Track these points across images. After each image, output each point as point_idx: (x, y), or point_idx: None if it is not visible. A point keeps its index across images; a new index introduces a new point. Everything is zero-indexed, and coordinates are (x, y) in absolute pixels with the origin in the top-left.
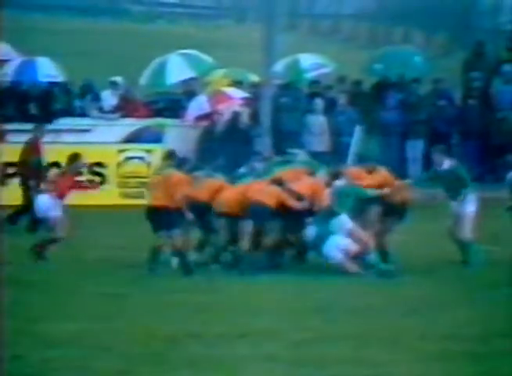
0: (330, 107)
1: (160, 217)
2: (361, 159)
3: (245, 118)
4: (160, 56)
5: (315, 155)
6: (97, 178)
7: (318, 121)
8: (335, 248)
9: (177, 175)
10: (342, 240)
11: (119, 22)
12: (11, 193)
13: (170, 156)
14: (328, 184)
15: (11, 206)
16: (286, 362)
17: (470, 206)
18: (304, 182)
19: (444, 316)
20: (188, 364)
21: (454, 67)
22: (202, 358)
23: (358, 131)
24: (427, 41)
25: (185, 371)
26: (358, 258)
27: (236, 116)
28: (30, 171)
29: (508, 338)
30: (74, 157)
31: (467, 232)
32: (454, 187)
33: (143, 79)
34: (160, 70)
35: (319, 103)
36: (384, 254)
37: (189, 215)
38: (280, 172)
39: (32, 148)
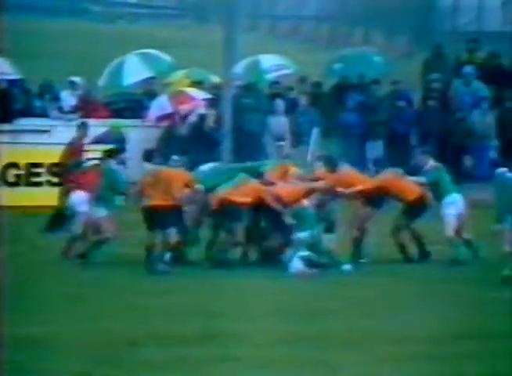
0: (292, 108)
1: (157, 216)
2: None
3: (210, 120)
4: (120, 56)
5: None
6: (56, 180)
7: (279, 122)
8: (296, 259)
9: (169, 171)
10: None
11: (79, 22)
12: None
13: (111, 152)
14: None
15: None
16: (247, 364)
17: (452, 207)
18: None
19: (402, 318)
20: (147, 366)
21: (414, 69)
22: (161, 360)
23: (315, 132)
24: (388, 42)
25: (144, 374)
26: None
27: (202, 118)
28: (70, 172)
29: (465, 340)
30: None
31: (450, 232)
32: (437, 189)
33: (101, 80)
34: (118, 71)
35: (280, 104)
36: (358, 247)
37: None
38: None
39: (73, 150)
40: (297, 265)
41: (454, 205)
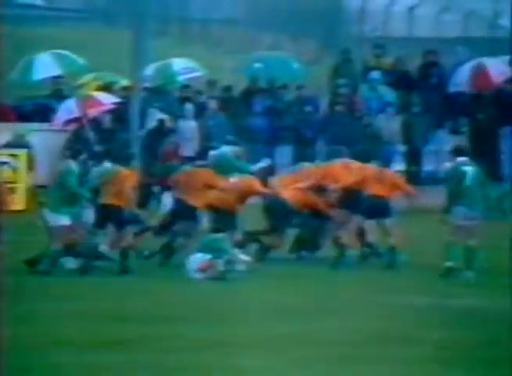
0: (201, 112)
1: (111, 215)
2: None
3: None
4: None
5: (185, 160)
6: None
7: (188, 126)
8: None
9: (124, 171)
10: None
11: None
12: None
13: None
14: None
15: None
16: (156, 369)
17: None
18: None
19: (319, 322)
20: (55, 373)
21: (322, 74)
22: (70, 366)
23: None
24: (296, 47)
25: None
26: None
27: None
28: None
29: (380, 344)
30: None
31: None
32: None
33: (12, 74)
34: (28, 66)
35: (189, 108)
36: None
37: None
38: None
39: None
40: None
41: None
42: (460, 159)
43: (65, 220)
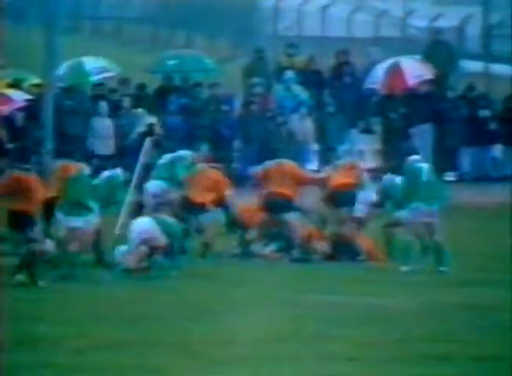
0: (116, 110)
1: (19, 221)
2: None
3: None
4: None
5: (101, 158)
6: None
7: (103, 125)
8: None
9: (30, 177)
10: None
11: None
12: None
13: None
14: None
15: None
16: (68, 370)
17: None
18: None
19: (228, 321)
20: None
21: (236, 73)
22: None
23: (147, 142)
24: (209, 46)
25: None
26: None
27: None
28: None
29: (287, 342)
30: None
31: None
32: None
33: None
34: None
35: (103, 106)
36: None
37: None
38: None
39: None
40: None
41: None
42: (414, 157)
43: None
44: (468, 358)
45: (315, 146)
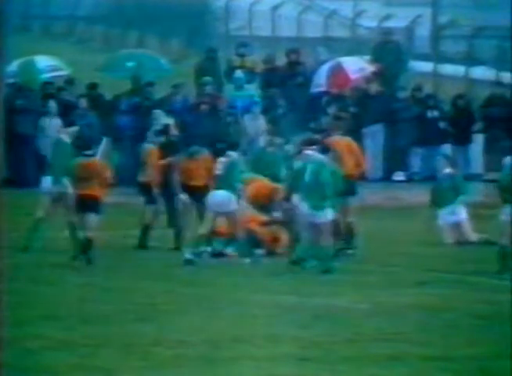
0: (67, 110)
1: None
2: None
3: None
4: None
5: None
6: None
7: (52, 124)
8: None
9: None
10: None
11: None
12: None
13: None
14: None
15: None
16: (16, 370)
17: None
18: None
19: (178, 322)
20: None
21: (188, 73)
22: None
23: (105, 142)
24: (161, 45)
25: None
26: None
27: None
28: None
29: (239, 343)
30: None
31: None
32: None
33: None
34: None
35: (52, 105)
36: None
37: None
38: None
39: None
40: None
41: None
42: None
43: None
44: (419, 358)
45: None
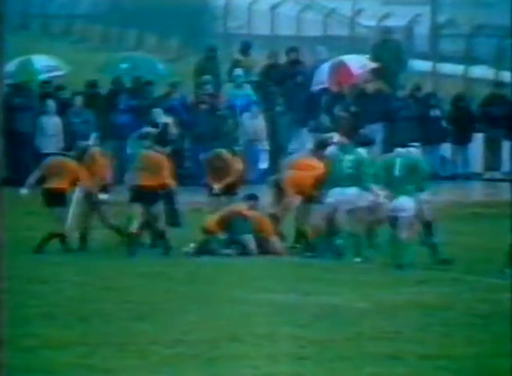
0: (65, 109)
1: None
2: None
3: None
4: None
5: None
6: None
7: (51, 123)
8: None
9: None
10: None
11: None
12: None
13: None
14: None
15: None
16: (14, 369)
17: None
18: None
19: (176, 321)
20: None
21: (187, 72)
22: None
23: (93, 138)
24: (160, 44)
25: None
26: None
27: None
28: None
29: (235, 342)
30: None
31: None
32: None
33: None
34: None
35: (51, 104)
36: None
37: None
38: None
39: None
40: None
41: None
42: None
43: None
44: (418, 356)
45: (267, 145)
